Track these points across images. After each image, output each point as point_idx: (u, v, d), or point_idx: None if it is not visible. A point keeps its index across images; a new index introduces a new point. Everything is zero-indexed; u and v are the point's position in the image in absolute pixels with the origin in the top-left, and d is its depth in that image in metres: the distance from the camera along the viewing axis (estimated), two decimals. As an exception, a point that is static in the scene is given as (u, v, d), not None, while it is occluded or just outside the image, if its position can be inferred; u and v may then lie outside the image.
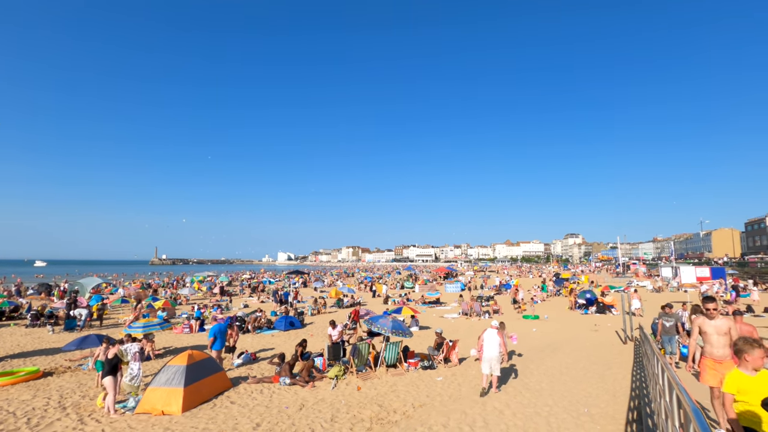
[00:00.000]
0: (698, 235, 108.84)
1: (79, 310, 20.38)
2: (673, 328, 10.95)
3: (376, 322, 12.17)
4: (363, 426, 7.62)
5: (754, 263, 56.40)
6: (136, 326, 14.46)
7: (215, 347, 12.31)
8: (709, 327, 6.12)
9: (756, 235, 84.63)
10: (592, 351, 14.15)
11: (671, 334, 10.89)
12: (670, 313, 11.28)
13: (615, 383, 9.92)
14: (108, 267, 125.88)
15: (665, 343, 10.95)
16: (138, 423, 8.14)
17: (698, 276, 34.47)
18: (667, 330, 10.95)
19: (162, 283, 51.13)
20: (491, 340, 9.32)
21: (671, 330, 10.93)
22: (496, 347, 9.25)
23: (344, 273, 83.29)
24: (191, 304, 31.33)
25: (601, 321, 21.27)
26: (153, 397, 8.75)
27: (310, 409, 8.66)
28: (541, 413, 7.87)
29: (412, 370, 11.74)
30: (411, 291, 41.05)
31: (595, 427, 7.12)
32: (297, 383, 10.43)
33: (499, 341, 9.35)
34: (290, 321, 20.56)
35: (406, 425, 7.51)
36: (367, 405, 8.80)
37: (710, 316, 6.16)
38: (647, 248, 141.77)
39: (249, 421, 8.07)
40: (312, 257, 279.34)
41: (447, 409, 8.26)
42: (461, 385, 10.28)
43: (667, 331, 10.95)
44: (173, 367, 9.23)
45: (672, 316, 11.14)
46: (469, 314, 24.13)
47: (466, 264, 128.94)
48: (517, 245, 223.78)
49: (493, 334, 9.43)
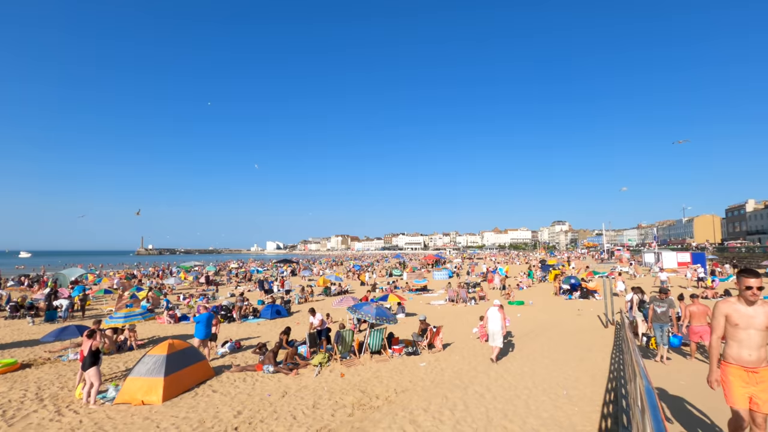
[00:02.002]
0: (681, 221, 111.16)
1: (60, 301, 19.99)
2: (665, 314, 9.93)
3: (360, 309, 12.16)
4: (344, 412, 7.64)
5: (734, 248, 57.88)
6: (118, 316, 14.24)
7: (199, 336, 12.19)
8: (742, 317, 3.95)
9: (736, 221, 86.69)
10: (574, 335, 14.40)
11: (663, 322, 9.88)
12: (662, 299, 10.23)
13: (594, 366, 10.11)
14: (93, 257, 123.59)
15: (656, 330, 9.99)
16: (117, 413, 8.04)
17: (679, 261, 35.25)
18: (658, 316, 10.00)
19: (148, 273, 50.50)
20: (494, 317, 10.84)
21: (663, 317, 9.93)
22: (498, 322, 10.74)
23: (333, 261, 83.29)
24: (176, 293, 31.04)
25: (585, 306, 21.65)
26: (133, 387, 8.64)
27: (293, 396, 8.65)
28: (521, 396, 7.98)
29: (396, 356, 11.81)
30: (399, 279, 41.23)
31: (573, 409, 7.24)
32: (281, 371, 10.41)
33: (501, 317, 10.84)
34: (276, 309, 20.50)
35: (387, 410, 7.54)
36: (349, 391, 8.82)
37: (750, 299, 3.94)
38: (632, 235, 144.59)
39: (230, 409, 8.03)
40: (301, 246, 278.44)
41: (429, 394, 8.32)
42: (444, 370, 10.37)
43: (658, 318, 10.00)
44: (153, 356, 9.11)
45: (664, 302, 10.08)
46: (456, 301, 24.34)
47: (455, 252, 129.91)
48: (505, 233, 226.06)
49: (495, 312, 10.91)
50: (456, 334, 15.26)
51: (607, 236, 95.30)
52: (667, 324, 9.81)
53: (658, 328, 9.90)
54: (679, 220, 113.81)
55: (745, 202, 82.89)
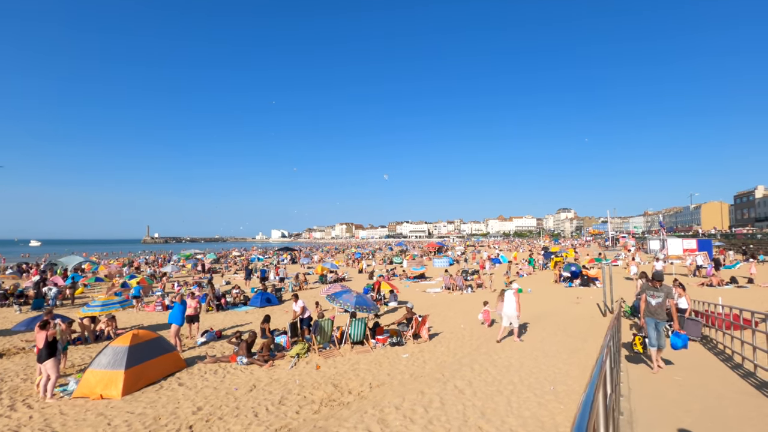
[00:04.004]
0: (688, 208, 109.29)
1: (46, 289, 19.63)
2: (661, 307, 7.68)
3: (339, 297, 11.54)
4: (311, 408, 7.07)
5: (741, 235, 56.65)
6: (95, 305, 13.75)
7: (176, 322, 11.70)
8: None
9: (745, 207, 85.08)
10: (569, 324, 13.75)
11: (658, 317, 7.65)
12: (657, 287, 7.86)
13: (587, 358, 9.48)
14: (100, 246, 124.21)
15: (649, 328, 7.73)
16: (72, 408, 7.55)
17: (685, 248, 34.27)
18: (652, 310, 7.72)
19: (146, 260, 50.34)
20: (509, 300, 11.42)
21: (658, 310, 7.66)
22: (513, 305, 11.33)
23: (335, 249, 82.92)
24: (173, 281, 30.72)
25: (584, 294, 20.97)
26: (92, 380, 8.13)
27: (261, 391, 8.11)
28: (503, 392, 7.37)
29: (379, 346, 11.22)
30: (399, 266, 40.68)
31: (558, 407, 6.63)
32: (255, 362, 9.88)
33: (515, 300, 11.43)
34: (267, 297, 20.00)
35: (357, 407, 6.97)
36: (322, 385, 8.26)
37: None
38: (638, 222, 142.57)
39: (191, 404, 7.50)
40: (306, 234, 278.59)
41: (405, 389, 7.74)
42: (426, 362, 9.78)
43: (652, 312, 7.72)
44: (115, 347, 8.59)
45: (660, 290, 7.77)
46: (452, 289, 23.74)
47: (459, 240, 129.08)
48: (509, 220, 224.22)
49: (510, 295, 11.50)
50: (446, 324, 14.66)
51: (613, 224, 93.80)
52: (664, 320, 7.73)
53: (651, 324, 7.71)
54: (686, 207, 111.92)
55: (754, 188, 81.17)
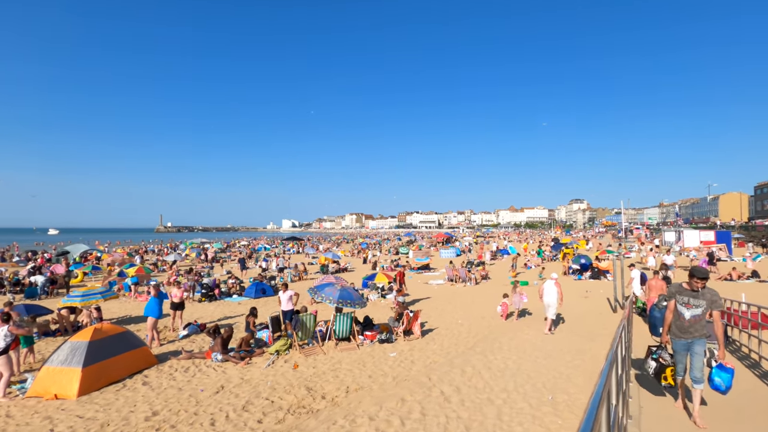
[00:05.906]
0: (705, 199, 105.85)
1: (35, 277, 19.27)
2: (699, 322, 4.88)
3: (321, 291, 10.70)
4: (275, 417, 6.29)
5: (762, 227, 54.34)
6: (75, 295, 13.22)
7: (153, 314, 11.09)
8: None
9: (765, 198, 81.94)
10: (576, 320, 12.79)
11: (697, 335, 4.90)
12: (697, 289, 4.85)
13: (594, 361, 8.55)
14: (113, 234, 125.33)
15: (678, 353, 5.10)
16: (20, 409, 6.90)
17: (702, 240, 32.72)
18: (686, 326, 4.92)
19: (154, 249, 50.32)
20: (550, 290, 11.15)
21: (695, 326, 4.89)
22: (554, 295, 11.05)
23: (344, 239, 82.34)
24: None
25: (594, 287, 19.90)
26: (47, 379, 7.47)
27: (228, 393, 7.36)
28: (494, 401, 6.50)
29: (367, 343, 10.39)
30: (405, 256, 39.80)
31: (556, 421, 5.74)
32: (230, 359, 9.16)
33: (557, 290, 11.08)
34: (261, 288, 19.34)
35: (326, 416, 6.17)
36: (295, 388, 7.48)
37: None
38: (653, 213, 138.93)
39: (149, 408, 6.78)
40: (316, 224, 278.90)
41: (385, 395, 6.91)
42: (414, 363, 8.93)
43: (686, 329, 4.92)
44: (73, 343, 7.91)
45: (701, 296, 4.85)
46: (455, 280, 22.82)
47: (469, 230, 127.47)
48: (521, 211, 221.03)
49: (551, 285, 11.18)
50: (443, 318, 13.78)
51: (627, 215, 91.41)
52: (704, 341, 4.93)
53: (682, 348, 5.03)
54: (703, 198, 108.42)
55: (776, 179, 77.95)
